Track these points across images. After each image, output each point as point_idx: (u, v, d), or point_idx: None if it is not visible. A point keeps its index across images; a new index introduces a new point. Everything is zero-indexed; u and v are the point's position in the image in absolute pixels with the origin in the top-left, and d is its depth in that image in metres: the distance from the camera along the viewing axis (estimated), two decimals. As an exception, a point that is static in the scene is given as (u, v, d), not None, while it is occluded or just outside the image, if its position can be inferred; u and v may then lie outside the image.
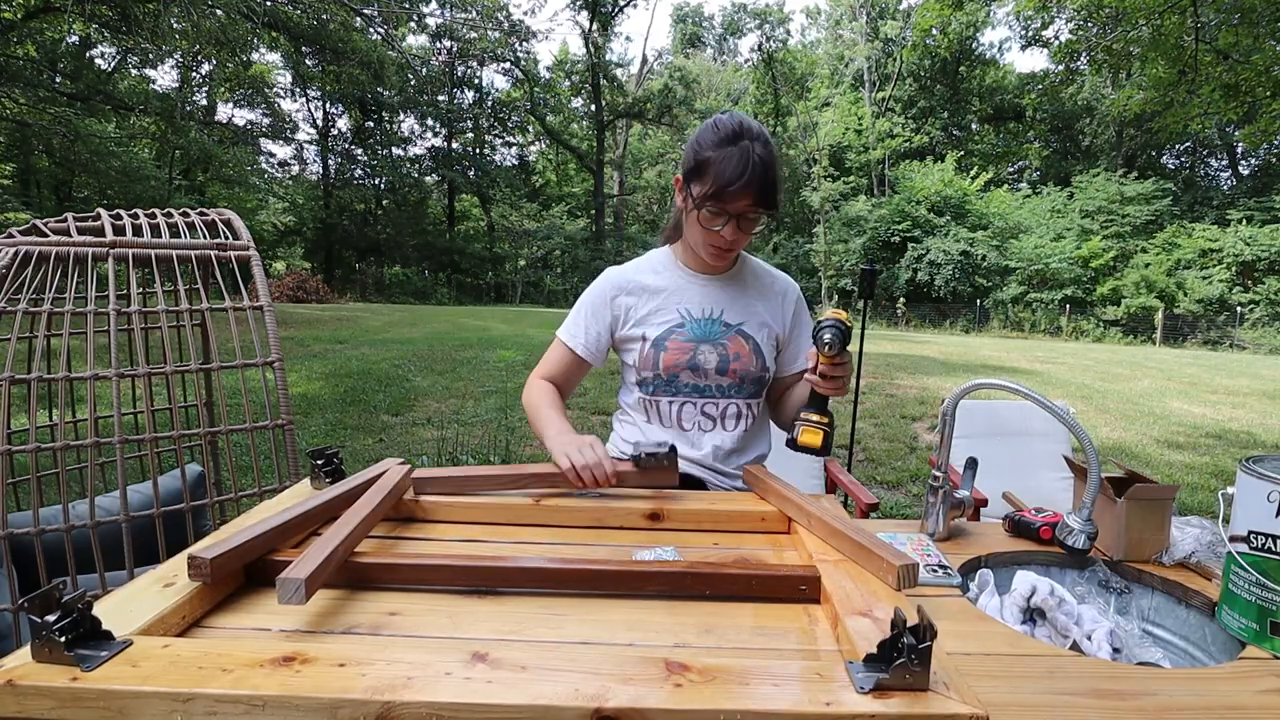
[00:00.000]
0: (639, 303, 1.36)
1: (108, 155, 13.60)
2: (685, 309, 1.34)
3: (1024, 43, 22.24)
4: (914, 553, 1.04)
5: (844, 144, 27.19)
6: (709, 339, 1.33)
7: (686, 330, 1.33)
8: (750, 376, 1.35)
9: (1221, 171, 27.13)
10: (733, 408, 1.36)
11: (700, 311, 1.34)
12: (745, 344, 1.34)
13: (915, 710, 0.56)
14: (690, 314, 1.34)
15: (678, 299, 1.35)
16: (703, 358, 1.32)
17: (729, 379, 1.33)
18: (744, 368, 1.33)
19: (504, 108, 29.41)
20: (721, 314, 1.35)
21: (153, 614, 0.70)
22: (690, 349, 1.32)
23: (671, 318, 1.34)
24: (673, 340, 1.32)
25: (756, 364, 1.35)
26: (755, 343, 1.35)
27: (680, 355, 1.32)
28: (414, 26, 25.51)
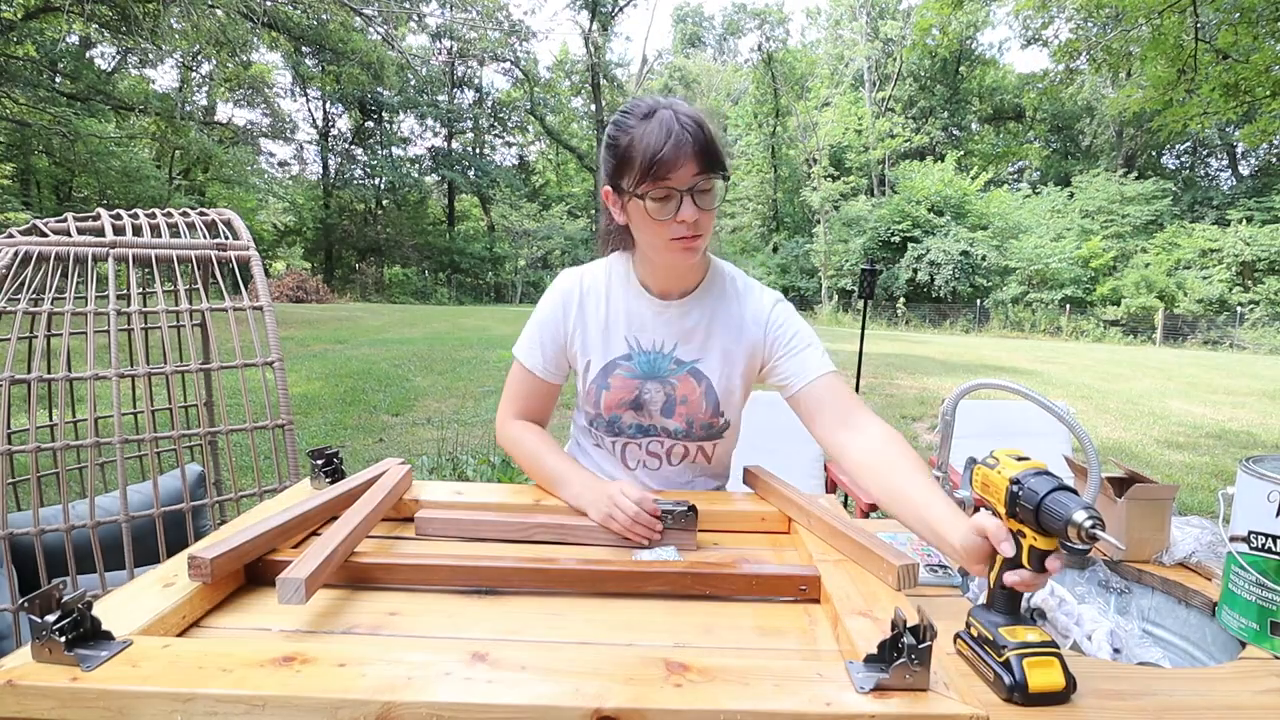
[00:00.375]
0: (585, 325, 1.19)
1: (108, 155, 13.60)
2: (635, 338, 1.17)
3: (1024, 42, 22.24)
4: (914, 553, 1.04)
5: (844, 144, 27.19)
6: (656, 376, 1.17)
7: (633, 364, 1.17)
8: (699, 421, 1.19)
9: (1221, 171, 27.16)
10: (679, 448, 1.22)
11: (650, 344, 1.17)
12: (696, 385, 1.17)
13: (915, 710, 0.56)
14: (639, 345, 1.17)
15: (628, 325, 1.18)
16: (648, 397, 1.17)
17: (675, 421, 1.19)
18: (691, 412, 1.18)
19: (504, 108, 29.44)
20: (674, 349, 1.17)
21: (153, 614, 0.70)
22: (635, 386, 1.17)
23: (619, 348, 1.18)
24: (616, 376, 1.17)
25: (706, 409, 1.18)
26: (708, 383, 1.17)
27: (624, 394, 1.17)
28: (414, 26, 25.52)
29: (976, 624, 0.73)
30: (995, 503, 0.73)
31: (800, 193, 27.11)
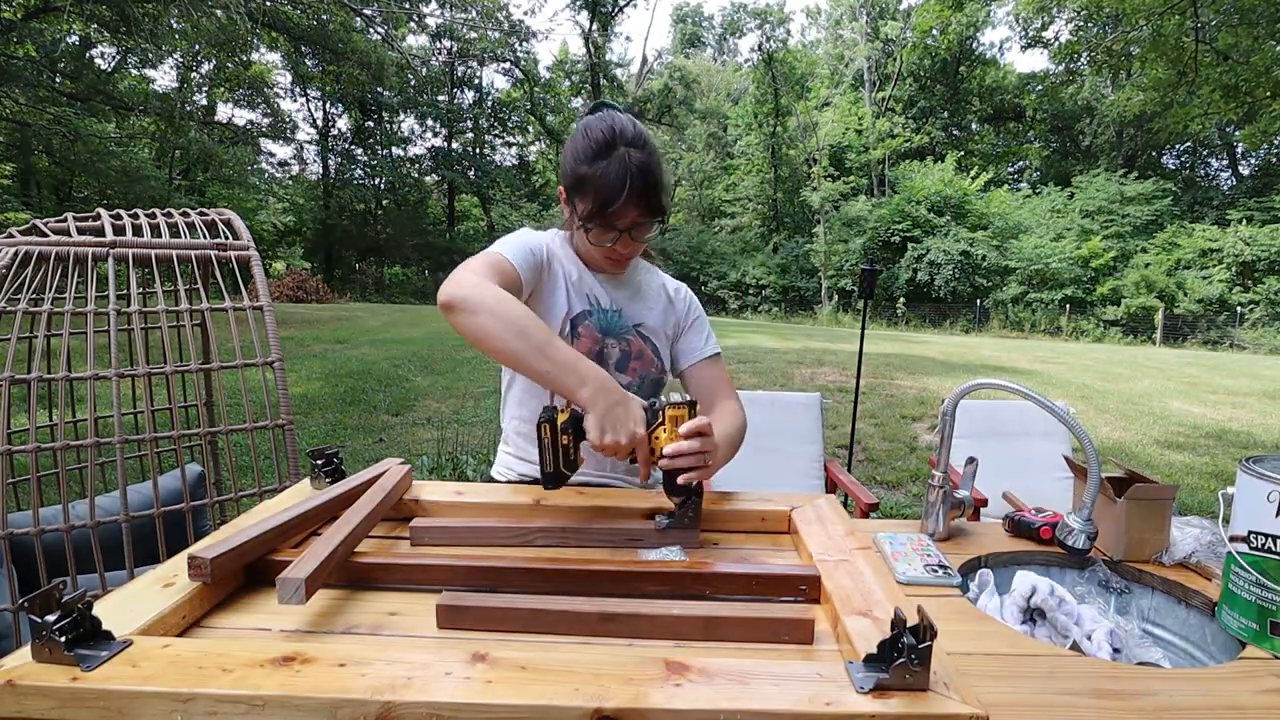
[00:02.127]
0: (557, 277, 1.25)
1: (108, 155, 13.60)
2: (594, 297, 1.27)
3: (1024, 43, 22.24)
4: (914, 553, 1.04)
5: (844, 144, 27.20)
6: (613, 333, 1.27)
7: (594, 320, 1.26)
8: (650, 378, 1.31)
9: (1221, 171, 27.17)
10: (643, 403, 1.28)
11: (607, 302, 1.28)
12: (645, 344, 1.30)
13: (915, 710, 0.56)
14: (598, 303, 1.27)
15: (585, 285, 1.27)
16: (608, 351, 1.26)
17: (629, 377, 1.29)
18: (644, 367, 1.30)
19: (504, 108, 29.43)
20: (621, 311, 1.29)
21: (153, 614, 0.70)
22: (599, 339, 1.25)
23: (581, 304, 1.26)
24: (585, 326, 1.25)
25: (656, 366, 1.31)
26: (653, 344, 1.31)
27: (591, 344, 1.25)
28: (414, 26, 25.52)
29: None
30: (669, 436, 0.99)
31: (800, 193, 27.11)
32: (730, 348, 10.35)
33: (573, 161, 1.16)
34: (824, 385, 7.20)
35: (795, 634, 0.74)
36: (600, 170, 1.11)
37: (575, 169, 1.15)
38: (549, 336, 1.00)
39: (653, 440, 0.99)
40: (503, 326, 0.99)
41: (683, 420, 0.99)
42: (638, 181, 1.11)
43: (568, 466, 1.01)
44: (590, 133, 1.14)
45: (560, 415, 0.99)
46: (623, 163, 1.11)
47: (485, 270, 1.07)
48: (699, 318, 1.38)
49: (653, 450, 1.00)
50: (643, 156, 1.13)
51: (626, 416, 0.97)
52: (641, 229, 1.18)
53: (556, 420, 0.98)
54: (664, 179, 1.17)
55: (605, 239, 1.17)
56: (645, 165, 1.12)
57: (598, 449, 0.97)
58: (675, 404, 1.00)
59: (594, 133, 1.14)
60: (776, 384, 7.21)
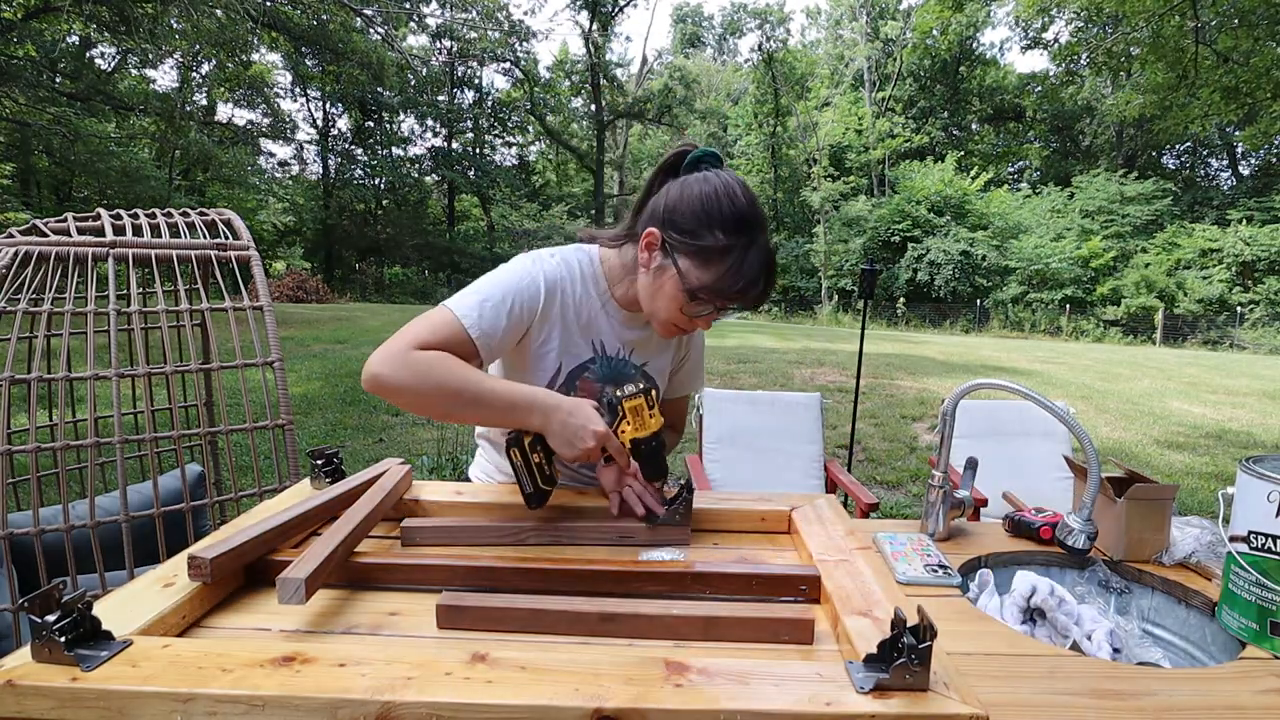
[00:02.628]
0: (560, 322, 1.12)
1: (108, 155, 13.60)
2: (599, 344, 1.17)
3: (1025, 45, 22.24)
4: (914, 553, 1.04)
5: (844, 144, 27.20)
6: (614, 379, 1.18)
7: (597, 369, 1.17)
8: None
9: (1222, 171, 27.17)
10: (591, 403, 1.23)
11: (613, 349, 1.18)
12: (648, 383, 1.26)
13: (915, 710, 0.56)
14: (604, 350, 1.17)
15: (594, 332, 1.16)
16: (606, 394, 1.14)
17: None
18: None
19: (504, 108, 29.41)
20: (631, 354, 1.20)
21: (153, 614, 0.70)
22: (597, 390, 1.17)
23: (586, 352, 1.16)
24: (584, 379, 1.17)
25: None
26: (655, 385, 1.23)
27: (589, 394, 1.16)
28: (414, 26, 25.50)
29: None
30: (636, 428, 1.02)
31: (800, 193, 27.10)
32: (730, 348, 10.35)
33: (703, 219, 1.00)
34: (824, 385, 7.20)
35: (795, 634, 0.74)
36: (740, 248, 0.99)
37: (705, 231, 0.99)
38: (479, 386, 0.96)
39: (618, 434, 1.00)
40: (430, 397, 0.95)
41: (640, 411, 1.01)
42: (769, 275, 1.02)
43: (546, 482, 1.01)
44: (736, 201, 1.00)
45: (527, 435, 0.98)
46: (765, 252, 1.01)
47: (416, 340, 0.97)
48: (699, 357, 1.34)
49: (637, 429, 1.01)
50: (769, 243, 1.03)
51: (583, 421, 0.96)
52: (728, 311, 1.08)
53: (524, 442, 0.98)
54: None
55: (700, 312, 1.05)
56: (774, 259, 1.04)
57: (572, 461, 0.97)
58: (629, 395, 1.00)
59: (740, 202, 1.00)
60: (776, 384, 7.21)
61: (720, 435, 2.60)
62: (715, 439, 2.61)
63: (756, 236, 1.00)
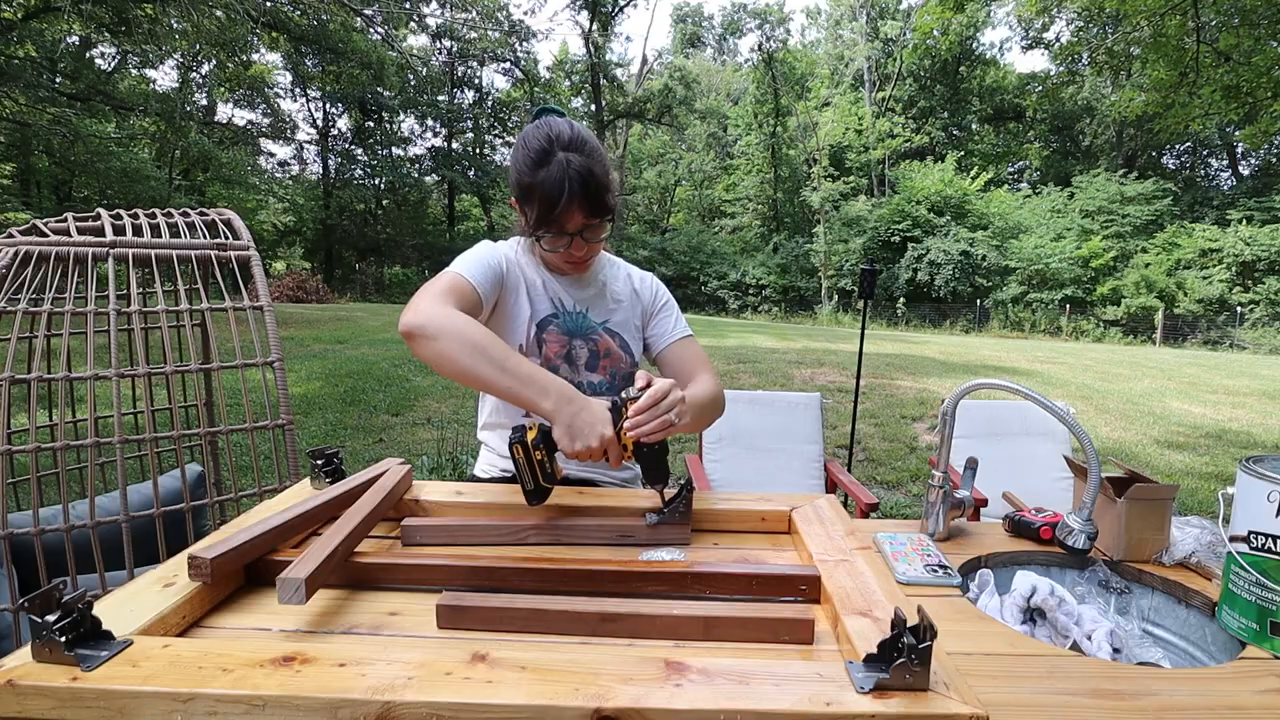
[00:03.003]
0: (521, 283, 1.27)
1: (108, 155, 13.59)
2: (559, 299, 1.29)
3: (1025, 44, 22.25)
4: (914, 553, 1.04)
5: (844, 144, 27.19)
6: (580, 333, 1.29)
7: (560, 323, 1.28)
8: (620, 372, 1.33)
9: (1222, 171, 27.16)
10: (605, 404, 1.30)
11: (571, 304, 1.30)
12: (613, 340, 1.32)
13: (915, 710, 0.56)
14: (563, 305, 1.29)
15: (550, 289, 1.29)
16: (576, 352, 1.28)
17: (600, 375, 1.31)
18: (614, 364, 1.32)
19: (504, 108, 29.40)
20: (587, 311, 1.31)
21: (153, 614, 0.70)
22: (565, 341, 1.27)
23: (546, 307, 1.28)
24: (550, 331, 1.27)
25: (626, 361, 1.33)
26: (622, 339, 1.33)
27: (559, 347, 1.27)
28: (414, 26, 25.50)
29: None
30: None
31: (800, 193, 27.10)
32: (730, 348, 10.35)
33: (516, 173, 1.18)
34: (824, 385, 7.20)
35: (795, 634, 0.74)
36: (541, 178, 1.13)
37: (519, 180, 1.17)
38: (507, 353, 1.01)
39: (622, 436, 1.00)
40: (461, 348, 1.00)
41: None
42: (577, 185, 1.12)
43: (547, 480, 1.02)
44: (529, 142, 1.16)
45: (530, 432, 0.99)
46: (561, 168, 1.12)
47: (443, 294, 1.08)
48: (666, 302, 1.41)
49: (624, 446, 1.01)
50: (581, 159, 1.13)
51: (592, 420, 0.98)
52: (592, 230, 1.20)
53: (527, 439, 0.99)
54: (607, 179, 1.17)
55: (558, 245, 1.19)
56: (584, 168, 1.13)
57: (571, 456, 0.99)
58: (634, 396, 1.01)
59: (532, 142, 1.16)
60: (776, 384, 7.21)
61: (720, 435, 2.60)
62: (715, 439, 2.61)
63: (550, 161, 1.13)
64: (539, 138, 1.16)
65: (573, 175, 1.12)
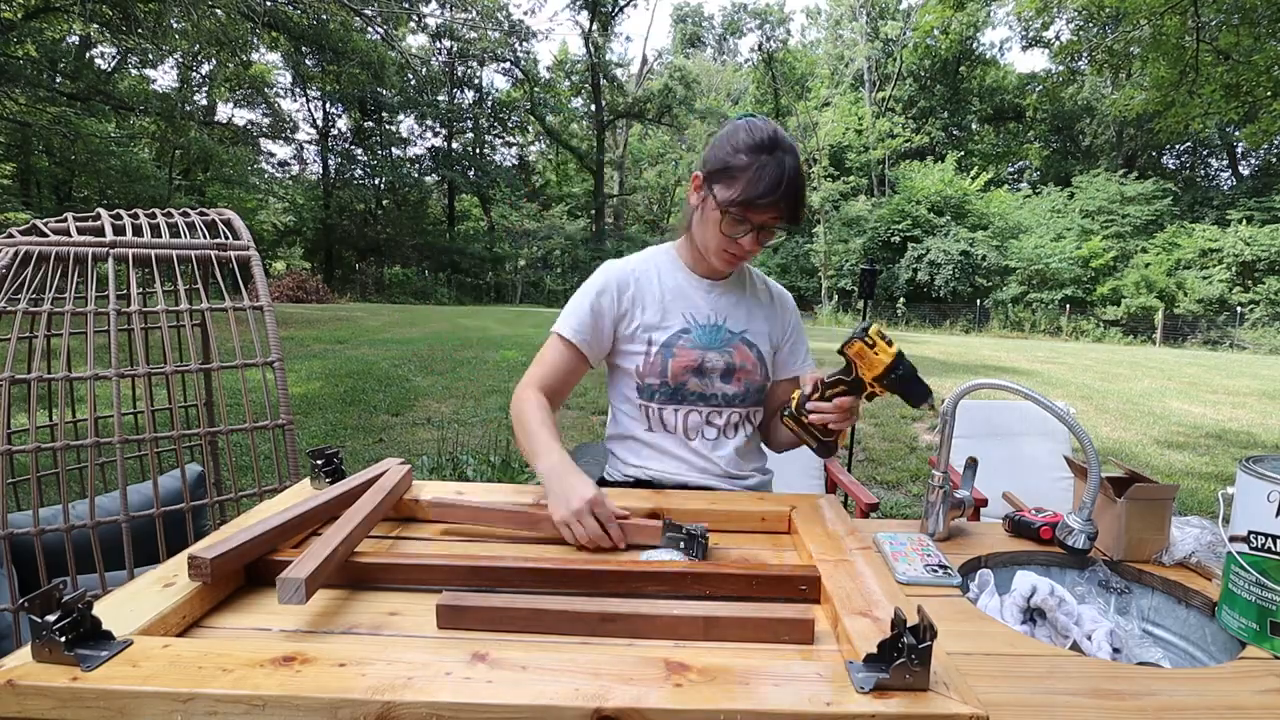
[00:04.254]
0: (643, 303, 1.30)
1: (108, 155, 13.59)
2: (690, 315, 1.31)
3: (1025, 44, 22.24)
4: (914, 553, 1.04)
5: (844, 144, 27.18)
6: (715, 346, 1.30)
7: (693, 336, 1.29)
8: (754, 385, 1.33)
9: (1222, 171, 27.15)
10: (735, 416, 1.33)
11: (705, 318, 1.31)
12: (749, 352, 1.32)
13: (915, 710, 0.56)
14: (695, 320, 1.31)
15: (683, 304, 1.31)
16: (710, 365, 1.29)
17: (734, 387, 1.31)
18: (749, 376, 1.32)
19: (504, 108, 29.39)
20: (725, 321, 1.32)
21: (153, 614, 0.70)
22: (698, 356, 1.28)
23: (677, 322, 1.30)
24: (680, 346, 1.28)
25: (760, 373, 1.34)
26: (758, 351, 1.33)
27: (688, 362, 1.28)
28: (414, 26, 25.50)
29: None
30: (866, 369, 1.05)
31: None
32: (730, 348, 10.32)
33: (728, 149, 1.19)
34: (824, 385, 7.19)
35: (795, 634, 0.74)
36: (757, 163, 1.16)
37: (729, 157, 1.18)
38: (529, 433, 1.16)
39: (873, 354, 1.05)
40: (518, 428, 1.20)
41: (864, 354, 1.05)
42: (790, 186, 1.16)
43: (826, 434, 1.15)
44: (754, 130, 1.19)
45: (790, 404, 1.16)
46: (781, 164, 1.16)
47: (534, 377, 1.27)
48: (797, 330, 1.43)
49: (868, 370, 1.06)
50: (796, 166, 1.18)
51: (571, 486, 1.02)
52: (769, 232, 1.22)
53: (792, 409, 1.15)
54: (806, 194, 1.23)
55: (737, 231, 1.20)
56: (798, 173, 1.18)
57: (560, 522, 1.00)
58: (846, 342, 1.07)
59: (759, 130, 1.19)
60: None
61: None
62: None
63: (773, 152, 1.16)
64: (767, 130, 1.19)
65: (789, 175, 1.16)
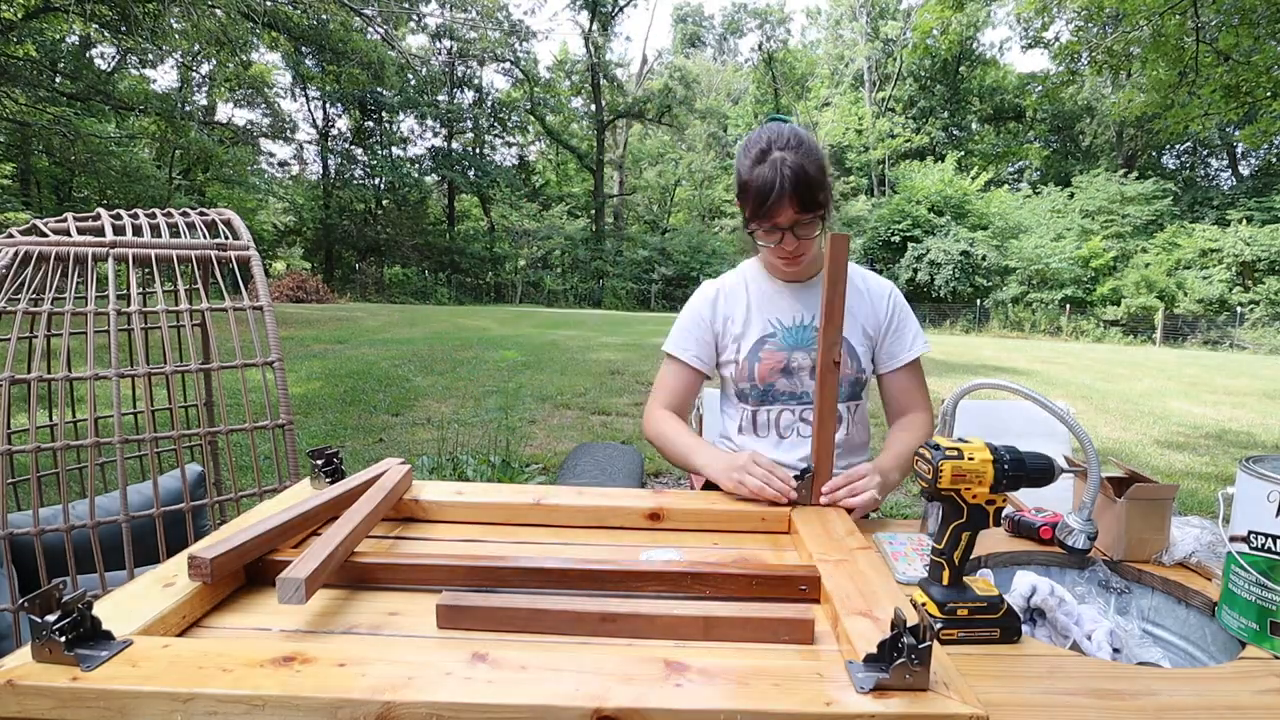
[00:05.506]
0: (734, 314, 1.37)
1: (108, 155, 13.59)
2: (775, 319, 1.35)
3: (1025, 44, 22.24)
4: (914, 553, 1.04)
5: (844, 144, 27.21)
6: (802, 346, 1.33)
7: (778, 339, 1.34)
8: (846, 379, 1.35)
9: (1222, 171, 27.17)
10: None
11: (791, 320, 1.35)
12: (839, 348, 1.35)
13: (915, 710, 0.56)
14: (780, 323, 1.35)
15: (767, 310, 1.36)
16: (796, 364, 1.33)
17: None
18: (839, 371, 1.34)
19: (504, 108, 29.39)
20: (813, 319, 1.34)
21: (153, 614, 0.70)
22: (784, 357, 1.33)
23: (762, 329, 1.35)
24: (766, 350, 1.34)
25: (852, 367, 1.35)
26: (849, 345, 1.34)
27: (774, 364, 1.32)
28: (414, 26, 25.52)
29: None
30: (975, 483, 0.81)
31: (800, 193, 27.05)
32: (730, 348, 10.32)
33: (740, 169, 1.26)
34: (824, 385, 7.19)
35: (795, 634, 0.74)
36: (755, 175, 1.21)
37: (739, 177, 1.26)
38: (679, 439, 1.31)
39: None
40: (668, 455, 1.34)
41: None
42: (788, 181, 1.19)
43: None
44: (749, 145, 1.25)
45: None
46: (774, 166, 1.20)
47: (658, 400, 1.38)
48: (902, 319, 1.40)
49: None
50: (795, 158, 1.20)
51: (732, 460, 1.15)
52: (804, 226, 1.24)
53: None
54: (819, 175, 1.22)
55: (771, 239, 1.26)
56: (797, 165, 1.19)
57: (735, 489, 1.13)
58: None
59: (752, 144, 1.25)
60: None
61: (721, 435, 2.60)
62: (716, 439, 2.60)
63: (767, 159, 1.20)
64: (759, 138, 1.25)
65: (785, 172, 1.19)
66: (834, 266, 1.12)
